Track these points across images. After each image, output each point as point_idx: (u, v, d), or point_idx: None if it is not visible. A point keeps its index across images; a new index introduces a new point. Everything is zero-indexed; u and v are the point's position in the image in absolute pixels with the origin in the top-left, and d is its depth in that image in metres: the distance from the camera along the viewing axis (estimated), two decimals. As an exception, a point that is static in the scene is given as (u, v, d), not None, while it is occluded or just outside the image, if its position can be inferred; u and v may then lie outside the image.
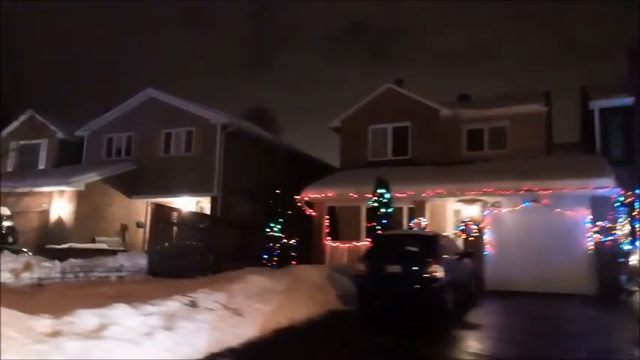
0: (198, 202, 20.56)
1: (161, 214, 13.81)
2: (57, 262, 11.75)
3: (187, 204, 20.54)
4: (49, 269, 11.18)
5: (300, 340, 7.26)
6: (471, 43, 76.11)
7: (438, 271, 8.77)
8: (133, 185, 20.55)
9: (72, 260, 12.31)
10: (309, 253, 15.47)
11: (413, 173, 15.89)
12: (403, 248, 9.47)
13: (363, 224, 16.55)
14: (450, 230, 15.61)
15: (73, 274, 11.22)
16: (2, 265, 11.35)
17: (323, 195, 15.58)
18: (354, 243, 15.53)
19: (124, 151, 21.47)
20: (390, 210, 13.51)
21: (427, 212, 14.90)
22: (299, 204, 15.55)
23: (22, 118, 23.91)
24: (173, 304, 6.69)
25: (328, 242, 15.88)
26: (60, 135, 22.87)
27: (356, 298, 9.56)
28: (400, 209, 16.29)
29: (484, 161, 16.41)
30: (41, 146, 23.22)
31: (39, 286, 10.27)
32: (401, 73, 73.20)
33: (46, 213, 19.05)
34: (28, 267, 11.30)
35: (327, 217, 16.16)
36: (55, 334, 5.04)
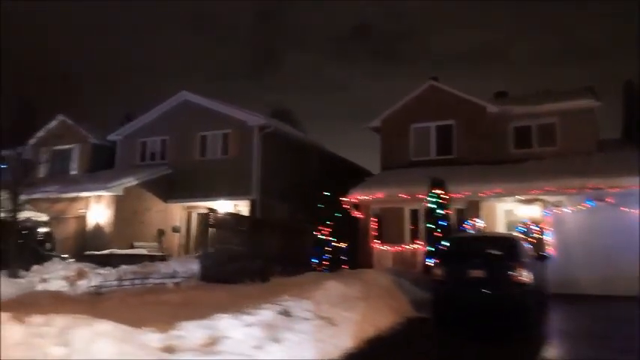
0: (235, 206, 20.19)
1: (212, 218, 13.41)
2: (111, 269, 11.41)
3: (224, 207, 20.21)
4: (103, 276, 10.84)
5: (395, 351, 6.83)
6: (477, 44, 75.20)
7: (526, 276, 8.27)
8: (168, 189, 20.26)
9: (124, 267, 11.97)
10: (356, 256, 15.00)
11: (462, 173, 15.37)
12: (484, 251, 8.97)
13: (407, 226, 16.10)
14: (501, 231, 15.10)
15: (129, 280, 10.87)
16: (53, 273, 11.05)
17: (372, 196, 15.11)
18: (404, 246, 15.04)
19: (159, 155, 21.20)
20: (448, 211, 13.00)
21: (482, 213, 14.37)
22: (346, 206, 15.09)
23: (53, 123, 23.74)
24: (267, 314, 6.27)
25: (376, 245, 15.40)
26: (92, 140, 22.65)
27: (432, 305, 9.08)
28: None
29: (535, 159, 15.87)
30: (73, 151, 23.02)
31: (97, 294, 9.94)
32: (410, 73, 72.58)
33: (82, 219, 18.80)
34: (81, 274, 10.98)
35: (374, 219, 15.68)
36: (169, 349, 4.64)
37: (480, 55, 74.95)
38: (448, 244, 9.92)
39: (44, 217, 17.34)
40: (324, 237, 14.12)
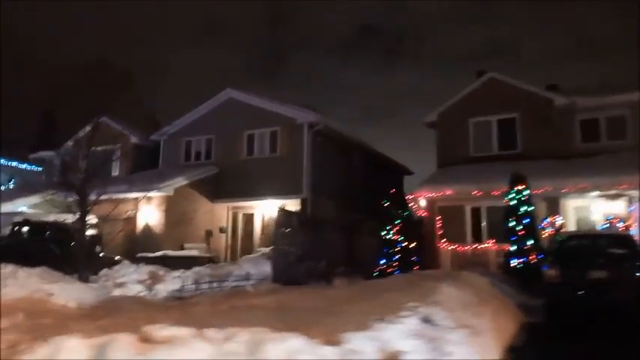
0: (283, 205, 19.60)
1: (284, 218, 12.87)
2: (184, 272, 10.88)
3: (272, 207, 19.67)
4: (179, 280, 10.32)
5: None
6: (484, 41, 73.86)
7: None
8: (214, 189, 19.78)
9: (196, 269, 11.44)
10: (421, 256, 14.34)
11: (534, 168, 14.61)
12: (604, 251, 8.28)
13: (468, 225, 15.44)
14: (572, 229, 14.37)
15: (206, 284, 10.33)
16: (125, 277, 10.56)
17: (441, 193, 14.44)
18: (474, 246, 14.36)
19: (204, 154, 20.73)
20: (531, 208, 12.29)
21: (562, 210, 13.64)
22: (412, 204, 14.44)
23: (92, 123, 23.37)
24: (412, 322, 5.65)
25: (443, 245, 14.73)
26: (134, 140, 22.23)
27: (547, 309, 8.40)
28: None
29: (604, 153, 15.10)
30: (114, 152, 22.60)
31: (179, 298, 9.41)
32: (415, 71, 71.51)
33: (131, 220, 18.35)
34: (155, 278, 10.47)
35: (439, 217, 15.01)
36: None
37: (490, 52, 73.54)
38: (559, 243, 9.22)
39: (93, 220, 16.90)
40: (392, 237, 13.46)
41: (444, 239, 14.81)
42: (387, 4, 78.32)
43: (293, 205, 19.31)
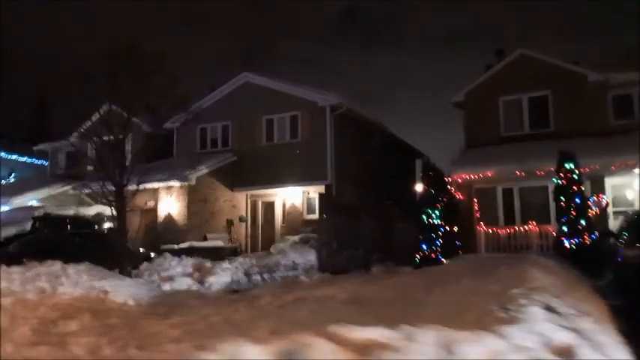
0: (305, 192, 19.10)
1: (330, 206, 12.34)
2: (229, 263, 10.34)
3: (293, 194, 19.16)
4: (228, 271, 9.78)
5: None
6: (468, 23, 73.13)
7: None
8: (233, 177, 19.17)
9: (240, 259, 10.91)
10: (464, 240, 13.90)
11: (572, 146, 14.17)
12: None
13: (500, 207, 15.08)
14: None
15: (257, 275, 9.82)
16: (170, 270, 10.00)
17: (480, 174, 13.99)
18: (517, 227, 13.97)
19: (221, 141, 20.07)
20: (582, 187, 11.89)
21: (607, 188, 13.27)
22: (450, 187, 13.96)
23: (100, 112, 22.55)
24: (536, 311, 5.19)
25: (481, 228, 14.32)
26: (146, 128, 21.44)
27: (626, 291, 8.01)
28: (544, 188, 14.72)
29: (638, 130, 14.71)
30: (125, 141, 21.82)
31: (235, 291, 8.90)
32: (402, 53, 70.78)
33: (151, 211, 17.73)
34: (201, 270, 9.93)
35: (476, 199, 14.58)
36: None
37: (473, 34, 72.76)
38: (630, 223, 8.81)
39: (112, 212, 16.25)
40: (434, 221, 12.97)
41: (482, 222, 14.40)
42: None
43: (316, 191, 18.84)
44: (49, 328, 6.10)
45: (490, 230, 14.29)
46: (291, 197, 19.23)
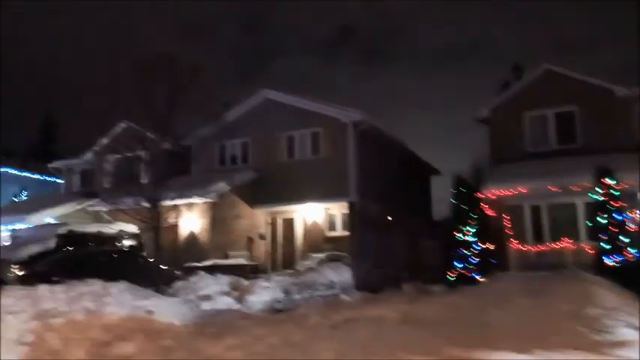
0: (327, 209, 18.84)
1: (356, 223, 12.10)
2: (269, 281, 10.06)
3: (314, 211, 18.90)
4: (268, 290, 9.50)
5: None
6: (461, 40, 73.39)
7: None
8: (253, 194, 18.92)
9: (277, 278, 10.63)
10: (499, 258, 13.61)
11: (603, 162, 13.97)
12: None
13: (528, 224, 14.82)
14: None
15: (296, 294, 9.53)
16: (207, 289, 9.73)
17: (513, 191, 13.76)
18: (550, 245, 13.70)
19: (240, 158, 19.89)
20: (621, 203, 11.65)
21: None
22: (483, 203, 13.72)
23: (117, 129, 22.44)
24: (628, 332, 4.93)
25: (514, 245, 14.03)
26: (163, 145, 21.27)
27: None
28: (572, 205, 14.50)
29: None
30: (142, 158, 21.64)
31: (278, 311, 8.62)
32: (400, 72, 70.89)
33: (172, 228, 17.44)
34: (238, 288, 9.65)
35: (507, 216, 14.32)
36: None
37: (471, 50, 73.05)
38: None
39: (134, 229, 16.00)
40: (467, 239, 12.70)
41: (514, 239, 14.12)
42: (363, 4, 77.35)
43: (338, 208, 18.59)
44: (104, 350, 5.84)
45: (522, 248, 14.00)
46: (312, 214, 18.98)
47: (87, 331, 6.11)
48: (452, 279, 12.53)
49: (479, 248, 12.58)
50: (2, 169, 27.07)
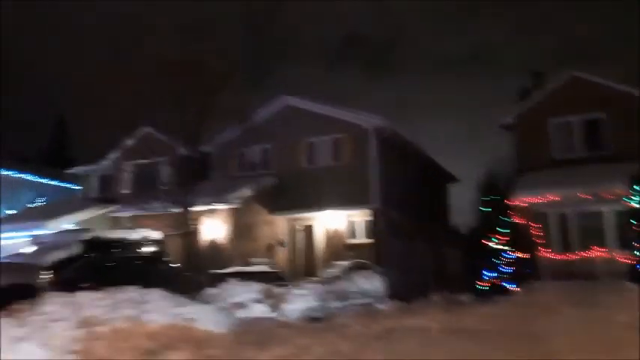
0: (348, 217, 18.66)
1: (380, 230, 11.92)
2: (302, 289, 9.89)
3: (335, 219, 18.73)
4: (302, 298, 9.33)
5: None
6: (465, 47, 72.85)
7: None
8: (273, 201, 18.79)
9: (308, 286, 10.45)
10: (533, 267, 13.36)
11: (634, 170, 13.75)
12: None
13: (554, 232, 14.55)
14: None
15: (333, 303, 9.36)
16: (238, 296, 9.57)
17: (546, 198, 13.54)
18: (581, 253, 13.44)
19: (260, 164, 19.80)
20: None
21: None
22: (512, 211, 13.50)
23: (136, 136, 22.43)
24: None
25: (545, 254, 13.78)
26: (181, 151, 21.24)
27: None
28: (598, 213, 14.25)
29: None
30: (161, 164, 21.64)
31: (315, 319, 8.44)
32: (404, 80, 70.59)
33: (194, 234, 17.34)
34: (271, 296, 9.49)
35: (536, 224, 14.08)
36: None
37: (476, 58, 72.53)
38: None
39: (157, 235, 15.88)
40: (500, 247, 12.48)
41: (544, 248, 13.87)
42: (368, 13, 77.11)
43: (360, 215, 18.41)
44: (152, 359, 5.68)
45: (554, 256, 13.74)
46: (333, 221, 18.80)
47: (132, 340, 5.96)
48: (482, 288, 12.30)
49: (512, 257, 12.34)
50: (18, 175, 27.07)
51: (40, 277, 8.72)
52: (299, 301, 9.03)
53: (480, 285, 12.33)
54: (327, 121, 18.53)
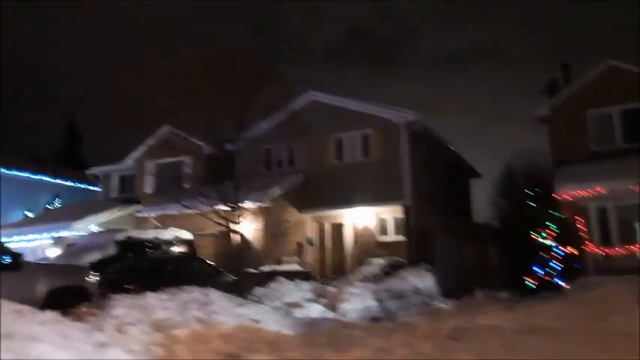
0: (377, 214, 18.31)
1: (447, 226, 11.59)
2: (357, 288, 9.55)
3: (365, 216, 18.38)
4: (358, 297, 8.99)
5: None
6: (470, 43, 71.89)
7: None
8: (300, 199, 18.46)
9: (360, 284, 10.11)
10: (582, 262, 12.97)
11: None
12: None
13: (595, 226, 14.16)
14: None
15: (390, 302, 9.02)
16: (290, 296, 9.24)
17: (592, 192, 13.14)
18: (632, 247, 13.04)
19: (286, 161, 19.47)
20: None
21: None
22: (557, 204, 13.10)
23: (158, 135, 22.13)
24: None
25: (591, 249, 13.39)
26: (207, 150, 20.93)
27: None
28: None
29: None
30: (184, 163, 21.34)
31: (376, 319, 8.11)
32: (409, 75, 69.82)
33: (224, 234, 17.03)
34: (323, 295, 9.16)
35: (581, 218, 13.69)
36: None
37: (474, 53, 71.62)
38: None
39: (188, 235, 15.60)
40: (546, 242, 12.09)
41: (590, 242, 13.48)
42: (371, 9, 76.16)
43: (390, 212, 18.06)
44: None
45: (602, 251, 13.35)
46: (362, 219, 18.47)
47: (208, 343, 5.64)
48: (531, 285, 11.92)
49: (561, 252, 11.95)
50: (36, 177, 26.84)
51: (89, 278, 8.39)
52: (356, 301, 8.69)
53: (529, 282, 11.91)
54: (356, 116, 18.17)
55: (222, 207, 13.86)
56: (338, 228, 19.05)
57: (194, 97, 12.37)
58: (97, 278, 8.72)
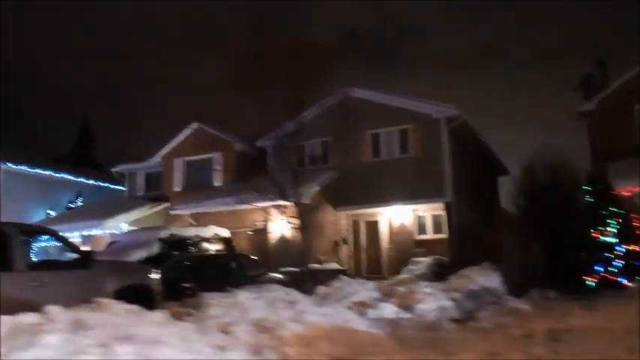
0: (414, 211, 17.94)
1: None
2: (431, 288, 9.20)
3: (401, 213, 18.02)
4: (431, 297, 8.64)
5: None
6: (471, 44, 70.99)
7: None
8: (335, 196, 18.10)
9: (425, 283, 9.76)
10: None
11: None
12: None
13: None
14: None
15: (465, 302, 8.67)
16: (357, 295, 8.90)
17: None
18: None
19: (320, 158, 19.11)
20: None
21: None
22: (617, 200, 12.66)
23: (187, 132, 21.86)
24: None
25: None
26: (238, 147, 20.65)
27: None
28: None
29: None
30: (214, 160, 21.06)
31: (455, 320, 7.76)
32: (408, 76, 69.07)
33: (261, 232, 16.75)
34: (390, 294, 8.82)
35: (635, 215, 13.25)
36: None
37: (477, 54, 70.74)
38: None
39: (226, 233, 15.29)
40: (608, 240, 11.68)
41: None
42: (373, 8, 75.33)
43: (428, 209, 17.70)
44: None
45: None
46: (398, 216, 18.12)
47: (314, 345, 5.28)
48: (591, 284, 11.53)
49: (622, 250, 11.55)
50: (58, 175, 26.55)
51: (152, 276, 8.07)
52: (431, 300, 8.35)
53: (590, 280, 11.52)
54: (393, 111, 17.81)
55: (280, 202, 13.57)
56: (373, 226, 18.70)
57: (246, 89, 11.99)
58: (159, 276, 8.39)
